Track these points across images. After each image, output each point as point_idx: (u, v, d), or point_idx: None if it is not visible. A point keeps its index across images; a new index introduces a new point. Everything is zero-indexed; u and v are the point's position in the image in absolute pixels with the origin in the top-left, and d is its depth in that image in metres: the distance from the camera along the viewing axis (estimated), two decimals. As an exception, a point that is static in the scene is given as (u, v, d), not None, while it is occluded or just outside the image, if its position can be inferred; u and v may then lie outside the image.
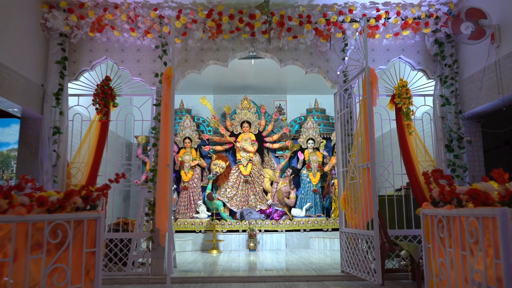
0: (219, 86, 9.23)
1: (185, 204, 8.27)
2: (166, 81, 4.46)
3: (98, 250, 2.54)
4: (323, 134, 8.83)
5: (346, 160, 5.18)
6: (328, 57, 5.51)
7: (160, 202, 4.38)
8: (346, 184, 5.06)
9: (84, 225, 2.48)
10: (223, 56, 5.50)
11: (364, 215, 4.50)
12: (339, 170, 5.34)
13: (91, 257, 2.52)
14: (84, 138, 5.24)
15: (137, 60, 5.44)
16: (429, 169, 5.35)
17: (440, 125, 5.32)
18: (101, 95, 5.24)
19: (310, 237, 7.90)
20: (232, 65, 7.76)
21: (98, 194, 2.61)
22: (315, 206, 8.36)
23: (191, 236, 7.79)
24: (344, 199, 5.06)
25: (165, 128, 4.35)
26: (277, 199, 8.28)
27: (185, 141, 8.43)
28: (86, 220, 2.49)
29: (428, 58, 5.52)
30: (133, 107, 5.58)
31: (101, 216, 2.58)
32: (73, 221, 2.42)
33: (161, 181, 4.35)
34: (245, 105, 8.72)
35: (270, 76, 8.62)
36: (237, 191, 8.43)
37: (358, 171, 4.66)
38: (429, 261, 2.55)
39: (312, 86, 9.21)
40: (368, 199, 4.37)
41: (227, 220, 8.02)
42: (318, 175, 8.46)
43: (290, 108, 9.70)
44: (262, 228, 7.91)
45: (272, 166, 8.86)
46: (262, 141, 8.72)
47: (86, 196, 2.55)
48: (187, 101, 9.38)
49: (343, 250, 5.07)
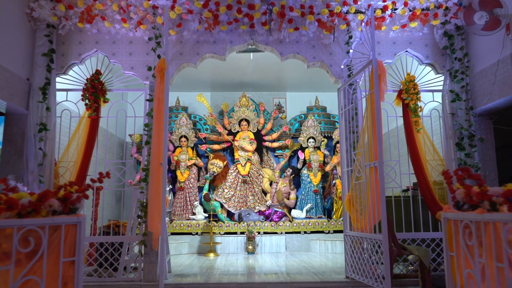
0: (217, 83, 8.94)
1: (181, 205, 7.97)
2: (159, 74, 4.15)
3: (78, 259, 2.24)
4: (324, 133, 8.55)
5: (351, 159, 4.89)
6: (331, 50, 5.21)
7: (152, 203, 4.08)
8: (351, 184, 4.76)
9: (62, 231, 2.17)
10: (221, 49, 5.20)
11: (371, 218, 4.21)
12: (344, 169, 5.04)
13: (70, 267, 2.21)
14: (73, 136, 4.93)
15: (129, 53, 5.13)
16: (438, 168, 5.07)
17: (450, 122, 5.03)
18: (90, 90, 4.94)
19: (310, 239, 7.62)
20: (230, 61, 7.46)
21: (79, 195, 2.31)
22: (316, 207, 8.07)
23: (187, 239, 7.50)
24: (349, 200, 4.77)
25: (158, 124, 4.05)
26: (276, 200, 7.99)
27: (181, 139, 8.13)
28: (64, 225, 2.19)
29: (436, 51, 5.23)
30: (125, 103, 5.27)
31: (82, 221, 2.28)
32: (48, 227, 2.12)
33: (154, 181, 4.05)
34: (243, 102, 8.42)
35: (269, 73, 8.34)
36: (235, 192, 8.13)
37: (365, 171, 4.37)
38: (452, 271, 2.26)
39: (312, 83, 8.94)
40: (376, 201, 4.08)
41: (224, 221, 7.73)
42: (319, 175, 8.17)
43: (289, 106, 9.41)
44: (261, 230, 7.63)
45: (272, 166, 8.57)
46: (261, 140, 8.43)
47: (64, 197, 2.25)
48: (183, 99, 9.08)
49: (348, 254, 4.78)
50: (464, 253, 2.11)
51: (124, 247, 4.82)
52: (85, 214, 2.77)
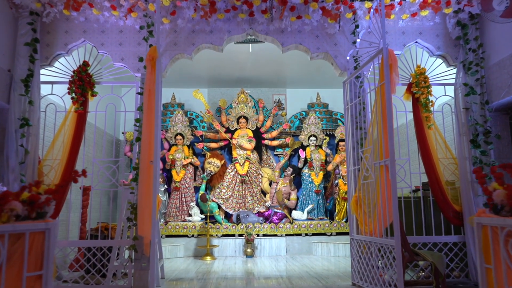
0: (214, 79, 8.58)
1: (176, 206, 7.62)
2: (150, 63, 3.80)
3: (46, 273, 1.88)
4: (326, 131, 8.21)
5: (358, 157, 4.54)
6: (336, 41, 4.87)
7: (142, 205, 3.73)
8: (358, 184, 4.42)
9: (26, 239, 1.82)
10: (218, 39, 4.85)
11: (381, 220, 3.86)
12: (350, 168, 4.70)
13: (36, 282, 1.85)
14: (58, 132, 4.57)
15: (119, 43, 4.78)
16: (450, 167, 4.74)
17: (464, 118, 4.69)
18: (77, 83, 4.57)
19: (312, 242, 7.28)
20: (227, 53, 7.12)
21: (48, 197, 1.95)
22: (317, 208, 7.73)
23: (183, 241, 7.15)
24: (356, 201, 4.43)
25: (149, 118, 3.70)
26: (276, 200, 7.64)
27: (176, 137, 7.78)
28: (29, 233, 1.83)
29: (449, 42, 4.89)
30: (115, 97, 4.90)
31: (52, 227, 1.92)
32: (9, 235, 1.76)
33: (144, 180, 3.70)
34: (241, 98, 8.07)
35: (268, 68, 7.99)
36: (233, 192, 7.78)
37: (374, 169, 4.02)
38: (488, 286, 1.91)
39: (313, 79, 8.60)
40: (387, 202, 3.73)
41: (222, 223, 7.39)
42: (320, 174, 7.83)
43: (290, 102, 9.06)
44: (260, 232, 7.29)
45: (271, 165, 8.22)
46: (260, 138, 8.08)
47: (30, 200, 1.89)
48: (179, 95, 8.72)
49: (355, 260, 4.43)
50: (506, 265, 1.77)
51: (113, 252, 4.46)
52: (58, 220, 2.41)
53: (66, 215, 5.75)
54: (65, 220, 5.80)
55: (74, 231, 6.13)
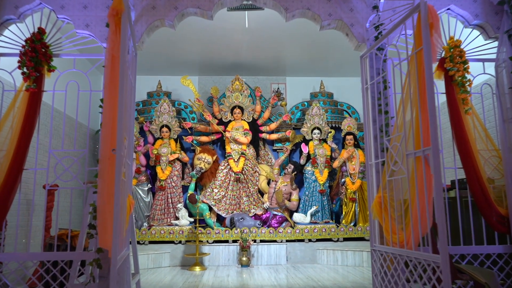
0: (205, 65, 7.67)
1: (161, 208, 6.70)
2: (114, 20, 2.86)
3: None
4: (331, 123, 7.33)
5: (381, 148, 3.64)
6: (352, 5, 3.96)
7: (103, 208, 2.80)
8: (382, 182, 3.51)
9: None
10: (206, 3, 3.93)
11: (416, 228, 2.96)
12: (370, 162, 3.79)
13: None
14: (6, 115, 3.63)
15: (84, 6, 3.84)
16: (492, 161, 3.84)
17: (509, 101, 3.81)
18: (30, 54, 3.62)
19: (316, 248, 6.40)
20: (221, 34, 6.24)
21: None
22: (322, 210, 6.84)
23: (169, 248, 6.24)
24: (379, 203, 3.52)
25: (110, 93, 2.77)
26: (275, 201, 6.74)
27: (162, 130, 6.86)
28: None
29: (489, 8, 4.01)
30: (78, 73, 3.94)
31: None
32: None
33: (105, 175, 2.77)
34: (236, 86, 7.16)
35: (266, 53, 7.11)
36: (226, 192, 6.86)
37: (405, 162, 3.12)
38: None
39: (316, 66, 7.75)
40: (427, 204, 2.83)
41: (213, 228, 6.48)
42: (325, 172, 6.93)
43: (290, 92, 8.16)
44: (257, 238, 6.39)
45: (270, 162, 7.32)
46: (257, 131, 7.17)
47: None
48: (166, 83, 7.81)
49: (377, 276, 3.53)
50: None
51: (73, 267, 3.52)
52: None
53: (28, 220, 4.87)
54: (25, 226, 4.88)
55: (39, 238, 5.21)
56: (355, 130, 6.97)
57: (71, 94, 3.82)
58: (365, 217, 6.70)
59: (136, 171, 6.69)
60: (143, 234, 6.41)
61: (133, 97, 3.70)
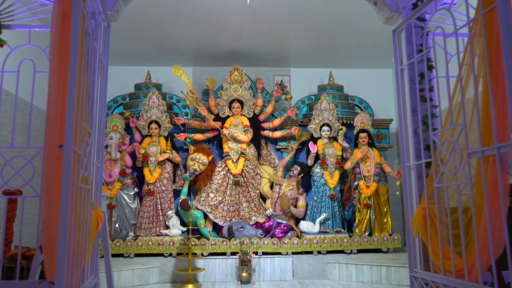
0: (200, 54, 6.87)
1: (149, 215, 5.88)
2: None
3: None
4: (342, 119, 6.52)
5: (424, 144, 2.83)
6: (383, -34, 3.16)
7: (49, 225, 1.99)
8: (427, 188, 2.70)
9: None
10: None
11: (483, 252, 2.15)
12: (407, 163, 2.98)
13: None
14: None
15: (42, -37, 3.02)
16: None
17: None
18: (-29, 24, 2.82)
19: (326, 262, 5.59)
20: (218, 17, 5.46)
21: None
22: (332, 218, 6.04)
23: (157, 262, 5.43)
24: (423, 217, 2.71)
25: (61, 64, 1.94)
26: (280, 208, 5.93)
27: (151, 126, 6.03)
28: None
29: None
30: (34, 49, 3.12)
31: None
32: None
33: (51, 182, 1.95)
34: (235, 77, 6.35)
35: (269, 39, 6.32)
36: (224, 197, 6.05)
37: (468, 163, 2.31)
38: None
39: (323, 56, 6.98)
40: (505, 220, 2.03)
41: (209, 238, 5.66)
42: (336, 174, 6.13)
43: (294, 85, 7.37)
44: (259, 250, 5.59)
45: (273, 162, 6.51)
46: (258, 128, 6.35)
47: None
48: (156, 74, 6.99)
49: (421, 312, 2.71)
50: None
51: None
52: None
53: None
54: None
55: None
56: (369, 127, 6.17)
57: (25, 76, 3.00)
58: (382, 226, 5.91)
59: (121, 173, 5.88)
60: (128, 245, 5.59)
61: (104, 78, 2.88)
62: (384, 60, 7.15)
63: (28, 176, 2.96)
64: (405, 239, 6.71)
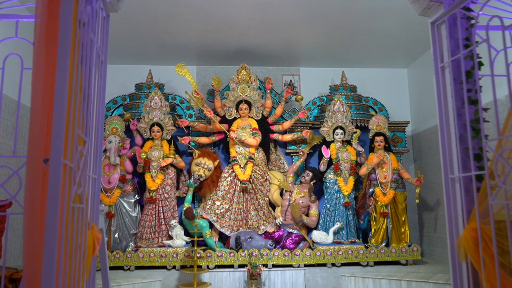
0: (205, 52, 6.47)
1: (151, 224, 5.50)
2: None
3: None
4: (355, 121, 6.14)
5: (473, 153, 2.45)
6: (421, -51, 2.77)
7: (32, 250, 1.61)
8: (479, 206, 2.31)
9: None
10: None
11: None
12: (451, 175, 2.60)
13: None
14: None
15: None
16: None
17: None
18: None
19: (341, 275, 5.21)
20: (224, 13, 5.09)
21: None
22: (347, 228, 5.66)
23: (160, 275, 5.06)
24: (474, 239, 2.33)
25: (47, 58, 1.56)
26: (290, 216, 5.55)
27: (152, 129, 5.65)
28: None
29: None
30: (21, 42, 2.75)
31: None
32: None
33: (34, 198, 1.57)
34: (242, 77, 5.97)
35: (277, 36, 5.93)
36: (231, 205, 5.66)
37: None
38: None
39: (335, 54, 6.58)
40: None
41: (215, 249, 5.28)
42: (351, 180, 5.74)
43: (304, 85, 6.98)
44: (269, 262, 5.21)
45: (282, 167, 6.13)
46: (267, 131, 5.97)
47: None
48: (158, 74, 6.61)
49: None
50: None
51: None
52: None
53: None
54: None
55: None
56: (385, 130, 5.78)
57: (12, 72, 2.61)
58: (399, 236, 5.53)
59: (121, 179, 5.50)
60: (128, 257, 5.21)
61: (102, 76, 2.50)
62: (399, 59, 6.78)
63: (16, 188, 2.58)
64: (423, 250, 6.34)
